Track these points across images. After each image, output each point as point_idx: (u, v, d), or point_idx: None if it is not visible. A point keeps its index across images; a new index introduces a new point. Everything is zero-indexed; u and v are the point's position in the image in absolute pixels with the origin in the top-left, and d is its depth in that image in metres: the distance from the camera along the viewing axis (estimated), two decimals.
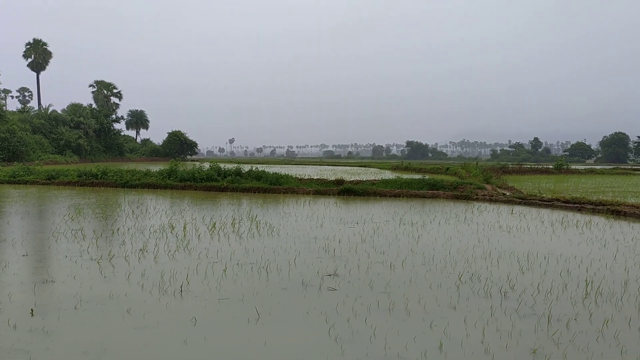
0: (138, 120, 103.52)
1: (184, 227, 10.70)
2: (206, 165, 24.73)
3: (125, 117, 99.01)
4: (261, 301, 5.84)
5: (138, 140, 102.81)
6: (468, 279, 6.90)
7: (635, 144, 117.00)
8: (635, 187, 24.90)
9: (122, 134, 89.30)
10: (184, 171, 23.44)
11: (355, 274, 7.14)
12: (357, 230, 10.81)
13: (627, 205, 14.46)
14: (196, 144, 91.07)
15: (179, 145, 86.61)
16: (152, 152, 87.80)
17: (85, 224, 11.29)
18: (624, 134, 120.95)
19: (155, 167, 30.43)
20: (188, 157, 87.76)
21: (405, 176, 26.84)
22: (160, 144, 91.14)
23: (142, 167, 35.20)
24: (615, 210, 14.11)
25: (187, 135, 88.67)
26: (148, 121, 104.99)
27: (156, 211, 13.80)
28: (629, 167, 70.17)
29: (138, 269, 7.27)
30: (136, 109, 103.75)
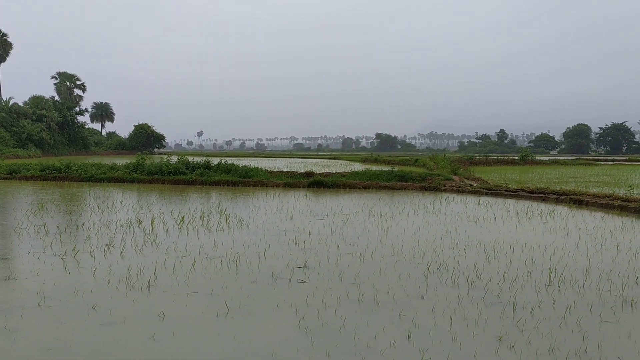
0: (103, 112, 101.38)
1: (152, 222, 10.54)
2: (174, 159, 24.39)
3: (89, 109, 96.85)
4: (230, 295, 5.81)
5: (103, 133, 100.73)
6: (436, 268, 7.00)
7: (597, 135, 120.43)
8: (597, 177, 25.64)
9: (87, 127, 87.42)
10: (151, 165, 23.08)
11: (325, 265, 7.15)
12: (327, 223, 10.84)
13: (589, 195, 14.87)
14: (164, 137, 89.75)
15: (146, 138, 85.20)
16: (118, 145, 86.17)
17: (49, 220, 11.00)
18: (586, 125, 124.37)
19: (122, 161, 29.85)
20: (155, 150, 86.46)
21: (375, 168, 27.02)
22: (127, 137, 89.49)
23: (107, 160, 34.50)
24: (577, 200, 14.49)
25: (154, 128, 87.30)
26: (113, 114, 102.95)
27: (122, 205, 13.56)
28: (591, 157, 72.21)
29: (104, 264, 7.13)
30: (101, 101, 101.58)
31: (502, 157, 55.58)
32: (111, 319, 5.05)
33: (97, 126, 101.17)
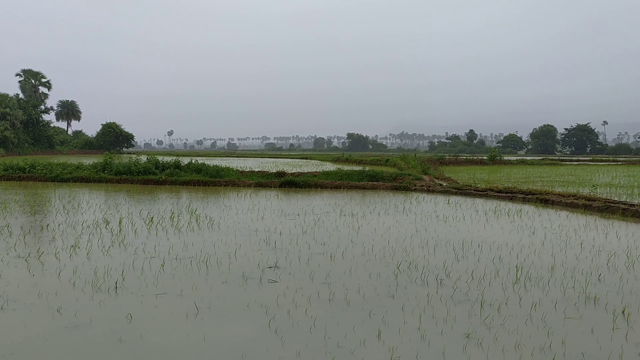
0: (69, 111, 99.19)
1: (120, 222, 10.35)
2: (143, 158, 24.03)
3: (55, 107, 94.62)
4: (200, 295, 5.75)
5: (69, 132, 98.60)
6: (406, 267, 7.06)
7: (562, 136, 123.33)
8: (562, 177, 26.26)
9: (52, 125, 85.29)
10: (120, 164, 22.67)
11: (296, 265, 7.15)
12: (298, 222, 10.83)
13: (554, 194, 15.23)
14: (132, 136, 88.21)
15: (114, 137, 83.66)
16: (85, 144, 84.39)
17: (12, 220, 10.71)
18: (552, 126, 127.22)
19: (89, 160, 29.26)
20: (124, 149, 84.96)
21: (346, 168, 27.12)
22: (94, 136, 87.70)
23: (74, 160, 33.77)
24: (543, 199, 14.82)
25: (122, 127, 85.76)
26: (80, 112, 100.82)
27: (89, 206, 13.29)
28: (557, 157, 73.94)
29: (69, 266, 6.97)
30: (67, 99, 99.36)
31: (471, 157, 56.45)
32: (76, 321, 4.95)
33: (63, 125, 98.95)
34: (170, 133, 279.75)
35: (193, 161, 23.38)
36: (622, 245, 8.73)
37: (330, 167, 33.16)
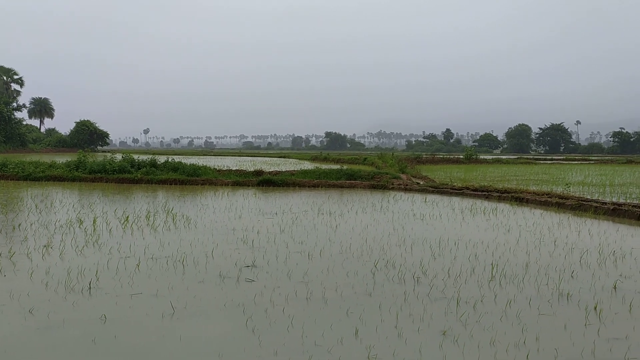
0: (42, 108, 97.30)
1: (94, 222, 10.18)
2: (118, 157, 23.67)
3: (27, 105, 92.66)
4: (176, 295, 5.69)
5: (42, 130, 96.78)
6: (383, 266, 7.09)
7: (537, 135, 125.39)
8: (536, 176, 26.69)
9: (25, 123, 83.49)
10: (94, 162, 22.30)
11: (274, 264, 7.12)
12: (276, 221, 10.80)
13: (529, 193, 15.46)
14: (107, 134, 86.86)
15: (88, 135, 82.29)
16: (58, 142, 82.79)
17: None
18: (527, 126, 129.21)
19: (62, 159, 28.72)
20: (99, 148, 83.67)
21: (324, 166, 27.15)
22: (68, 134, 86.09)
23: (47, 158, 33.13)
24: (518, 198, 15.04)
25: (97, 125, 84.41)
26: (53, 110, 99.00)
27: (62, 205, 13.05)
28: (531, 156, 75.16)
29: (42, 266, 6.83)
30: (40, 96, 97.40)
31: (448, 156, 56.98)
32: (49, 323, 4.85)
33: (35, 123, 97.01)
34: (146, 131, 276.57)
35: (170, 160, 23.12)
36: (594, 243, 8.90)
37: (308, 165, 33.14)
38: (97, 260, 7.16)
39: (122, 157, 23.30)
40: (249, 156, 63.52)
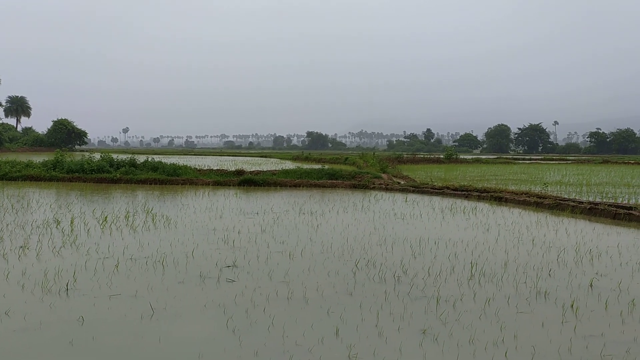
0: (18, 107, 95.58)
1: (71, 222, 10.03)
2: (97, 156, 23.32)
3: (3, 103, 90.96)
4: (156, 296, 5.63)
5: (19, 129, 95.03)
6: (364, 265, 7.12)
7: (516, 135, 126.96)
8: (515, 175, 27.03)
9: (0, 122, 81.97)
10: (72, 162, 21.96)
11: (255, 264, 7.10)
12: (257, 221, 10.76)
13: (508, 192, 15.65)
14: (85, 133, 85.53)
15: (66, 134, 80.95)
16: (35, 141, 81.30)
17: None
18: (506, 126, 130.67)
19: (39, 158, 28.24)
20: (76, 147, 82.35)
21: (306, 166, 27.11)
22: (45, 133, 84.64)
23: (23, 157, 32.53)
24: (497, 197, 15.21)
25: (75, 124, 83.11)
26: (30, 108, 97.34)
27: (39, 205, 12.83)
28: (510, 156, 76.06)
29: (18, 267, 6.71)
30: (16, 94, 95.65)
31: (428, 156, 57.44)
32: (25, 324, 4.77)
33: (12, 121, 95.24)
34: (125, 130, 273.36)
35: (149, 159, 22.88)
36: (571, 241, 9.05)
37: (289, 165, 33.08)
38: (75, 261, 7.05)
39: (101, 156, 22.98)
40: (230, 156, 63.18)
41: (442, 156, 51.54)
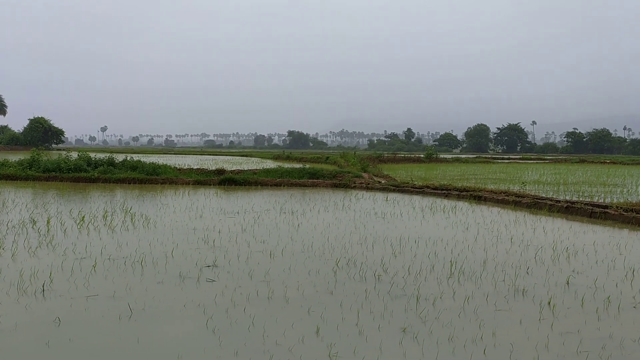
0: None
1: (48, 222, 9.86)
2: (74, 155, 22.97)
3: None
4: (134, 297, 5.57)
5: None
6: (345, 264, 7.13)
7: (495, 135, 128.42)
8: (494, 174, 27.34)
9: None
10: (48, 161, 21.60)
11: (235, 264, 7.06)
12: (238, 220, 10.71)
13: (487, 191, 15.82)
14: (63, 132, 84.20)
15: (42, 133, 79.60)
16: (10, 140, 79.78)
17: None
18: (485, 125, 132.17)
19: (15, 157, 27.74)
20: (53, 146, 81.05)
21: (287, 165, 27.07)
22: (21, 131, 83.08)
23: None
24: (477, 196, 15.37)
25: (52, 122, 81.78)
26: (6, 106, 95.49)
27: (15, 205, 12.59)
28: (489, 156, 76.97)
29: None
30: None
31: (409, 155, 57.76)
32: (0, 326, 4.67)
33: None
34: (104, 129, 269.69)
35: (128, 158, 22.60)
36: (548, 240, 9.18)
37: (270, 164, 32.99)
38: (51, 262, 6.93)
39: (78, 155, 22.63)
40: (210, 155, 62.76)
41: (422, 155, 51.88)
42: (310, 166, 24.24)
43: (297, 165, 25.65)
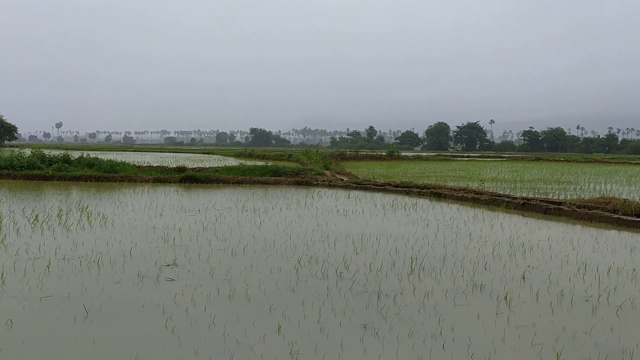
0: None
1: None
2: (28, 152, 22.24)
3: None
4: (90, 297, 5.42)
5: None
6: (307, 261, 7.13)
7: (454, 133, 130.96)
8: (454, 172, 27.86)
9: None
10: (0, 158, 20.84)
11: (196, 262, 6.97)
12: (199, 218, 10.57)
13: (447, 188, 16.11)
14: (15, 128, 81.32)
15: None
16: None
17: None
18: (445, 124, 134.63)
19: None
20: (6, 142, 78.26)
21: (249, 163, 26.90)
22: None
23: None
24: (437, 193, 15.62)
25: (4, 118, 78.88)
26: None
27: None
28: (449, 154, 78.44)
29: None
30: None
31: (371, 153, 58.27)
32: None
33: None
34: (59, 125, 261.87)
35: (85, 155, 22.02)
36: (505, 236, 9.41)
37: (232, 162, 32.69)
38: (3, 262, 6.68)
39: (32, 152, 21.93)
40: (171, 152, 61.79)
41: (384, 153, 52.40)
42: (272, 164, 24.14)
43: (260, 163, 25.51)
